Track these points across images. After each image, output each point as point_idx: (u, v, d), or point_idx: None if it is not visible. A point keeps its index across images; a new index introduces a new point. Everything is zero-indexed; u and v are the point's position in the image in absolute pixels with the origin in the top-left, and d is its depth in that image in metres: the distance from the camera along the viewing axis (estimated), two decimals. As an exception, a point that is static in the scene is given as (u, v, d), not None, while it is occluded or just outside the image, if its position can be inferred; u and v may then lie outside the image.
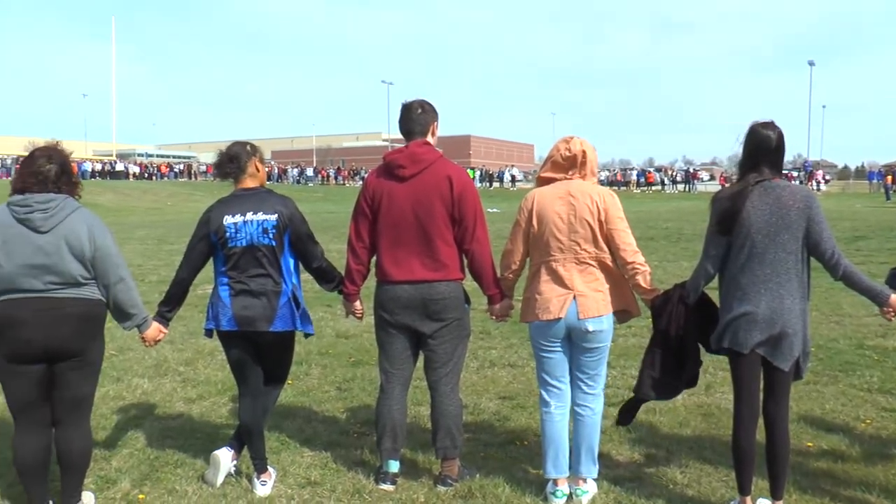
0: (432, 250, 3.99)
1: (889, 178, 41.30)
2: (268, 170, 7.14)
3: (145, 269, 13.41)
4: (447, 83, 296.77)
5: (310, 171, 66.48)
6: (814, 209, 3.51)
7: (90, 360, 3.71)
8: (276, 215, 4.04)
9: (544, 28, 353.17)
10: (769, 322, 3.52)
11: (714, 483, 4.15)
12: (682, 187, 56.47)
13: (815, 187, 46.07)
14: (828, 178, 60.80)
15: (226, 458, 4.17)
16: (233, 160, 4.14)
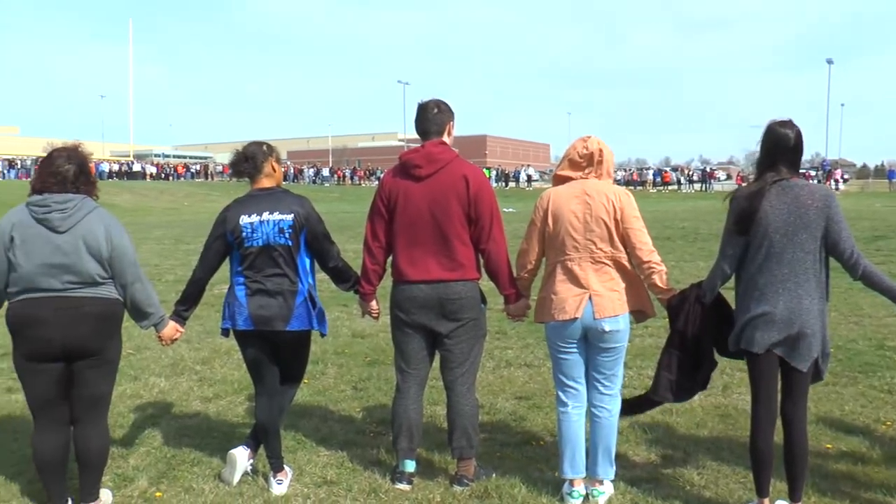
0: (449, 250, 3.99)
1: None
2: (284, 170, 7.17)
3: (162, 269, 13.50)
4: (463, 83, 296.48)
5: (326, 172, 66.58)
6: (833, 208, 3.47)
7: (108, 358, 3.74)
8: (293, 215, 4.05)
9: (562, 28, 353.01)
10: (787, 322, 3.48)
11: (732, 485, 4.11)
12: (698, 186, 56.19)
13: (834, 186, 45.65)
14: (846, 177, 60.23)
15: (242, 456, 4.18)
16: (249, 160, 4.16)
